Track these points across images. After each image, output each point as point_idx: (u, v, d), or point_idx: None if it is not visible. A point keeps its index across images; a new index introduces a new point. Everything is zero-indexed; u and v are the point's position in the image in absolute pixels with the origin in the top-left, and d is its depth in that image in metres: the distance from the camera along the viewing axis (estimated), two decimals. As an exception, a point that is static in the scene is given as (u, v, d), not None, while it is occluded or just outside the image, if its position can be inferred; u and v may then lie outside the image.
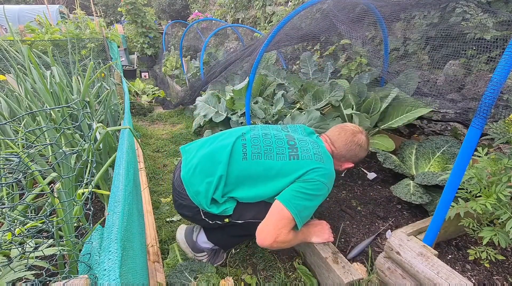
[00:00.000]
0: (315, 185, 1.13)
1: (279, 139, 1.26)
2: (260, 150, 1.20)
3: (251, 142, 1.23)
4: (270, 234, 1.10)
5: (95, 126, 1.40)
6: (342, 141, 1.31)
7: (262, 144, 1.23)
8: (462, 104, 1.87)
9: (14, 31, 3.16)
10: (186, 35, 5.30)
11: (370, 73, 2.30)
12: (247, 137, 1.26)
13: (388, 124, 1.97)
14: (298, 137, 1.30)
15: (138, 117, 3.91)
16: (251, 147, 1.21)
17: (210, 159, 1.21)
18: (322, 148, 1.26)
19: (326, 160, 1.22)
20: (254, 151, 1.20)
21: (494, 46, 1.67)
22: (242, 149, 1.21)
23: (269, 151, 1.20)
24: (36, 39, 3.57)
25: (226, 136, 1.28)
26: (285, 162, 1.17)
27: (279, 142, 1.24)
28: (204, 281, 1.24)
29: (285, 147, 1.22)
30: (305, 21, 2.51)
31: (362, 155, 1.35)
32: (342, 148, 1.31)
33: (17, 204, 0.74)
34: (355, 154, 1.32)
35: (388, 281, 1.12)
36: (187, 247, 1.40)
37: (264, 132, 1.30)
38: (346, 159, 1.34)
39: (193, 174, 1.21)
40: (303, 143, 1.25)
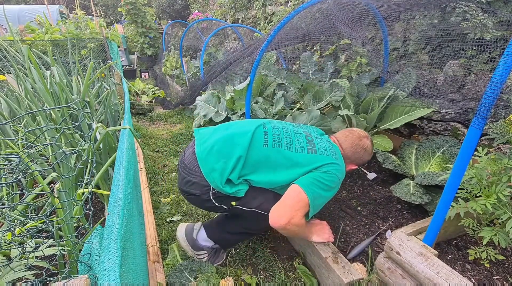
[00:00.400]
0: (331, 177, 1.19)
1: (298, 133, 1.32)
2: (280, 140, 1.26)
3: (272, 131, 1.29)
4: (287, 214, 1.13)
5: (95, 126, 1.40)
6: (349, 144, 1.38)
7: (283, 135, 1.28)
8: (462, 104, 1.87)
9: (14, 31, 3.16)
10: (186, 35, 5.30)
11: (370, 73, 2.30)
12: (269, 127, 1.31)
13: (387, 124, 1.98)
14: (315, 135, 1.37)
15: (138, 117, 3.91)
16: (272, 136, 1.26)
17: (229, 141, 1.24)
18: (335, 148, 1.33)
19: (340, 159, 1.29)
20: (275, 140, 1.25)
21: (494, 46, 1.67)
22: (263, 136, 1.26)
23: (289, 143, 1.25)
24: (36, 39, 3.57)
25: (245, 124, 1.33)
26: (303, 154, 1.22)
27: (298, 136, 1.30)
28: (204, 281, 1.24)
29: (303, 141, 1.28)
30: (305, 21, 2.51)
31: (366, 158, 1.42)
32: (348, 150, 1.38)
33: (17, 204, 0.74)
34: (360, 156, 1.39)
35: (388, 281, 1.12)
36: (187, 245, 1.40)
37: (284, 126, 1.36)
38: (351, 161, 1.40)
39: (210, 152, 1.24)
40: (319, 140, 1.31)
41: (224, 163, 1.20)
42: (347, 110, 2.00)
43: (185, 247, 1.41)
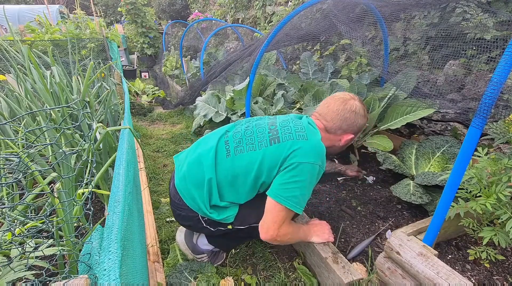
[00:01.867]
0: (299, 170, 1.05)
1: (260, 127, 1.20)
2: (242, 144, 1.15)
3: (233, 137, 1.19)
4: (270, 229, 1.09)
5: (95, 126, 1.40)
6: (333, 112, 1.20)
7: (244, 137, 1.17)
8: (462, 104, 1.87)
9: (14, 31, 3.16)
10: (186, 35, 5.30)
11: (370, 73, 2.30)
12: (230, 134, 1.21)
13: (387, 125, 1.97)
14: (282, 119, 1.22)
15: (138, 117, 3.91)
16: (233, 143, 1.16)
17: (197, 164, 1.18)
18: (305, 124, 1.17)
19: (311, 135, 1.13)
20: (237, 146, 1.15)
21: (494, 46, 1.67)
22: (225, 146, 1.17)
23: (251, 142, 1.15)
24: (36, 39, 3.57)
25: (211, 138, 1.24)
26: (266, 148, 1.11)
27: (260, 129, 1.18)
28: (204, 281, 1.24)
29: (265, 133, 1.15)
30: (305, 21, 2.51)
31: (360, 122, 1.23)
32: (335, 119, 1.20)
33: (17, 204, 0.74)
34: (352, 122, 1.20)
35: (388, 281, 1.12)
36: (186, 248, 1.39)
37: (247, 125, 1.24)
38: (343, 130, 1.22)
39: (185, 181, 1.19)
40: (284, 123, 1.17)
41: (200, 191, 1.15)
42: (347, 110, 1.99)
43: (185, 251, 1.40)
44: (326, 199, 1.78)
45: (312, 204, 1.74)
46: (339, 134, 1.23)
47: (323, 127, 1.23)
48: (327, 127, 1.22)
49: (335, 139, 1.25)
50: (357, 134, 1.29)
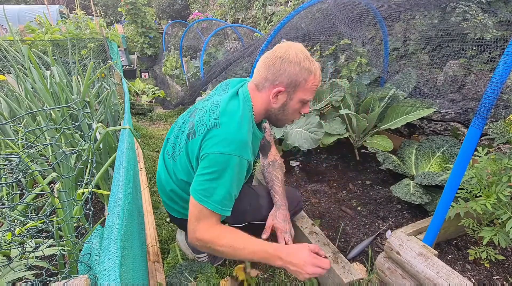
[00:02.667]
0: (209, 160, 0.90)
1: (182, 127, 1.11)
2: (175, 148, 1.11)
3: (170, 146, 1.16)
4: (189, 229, 0.94)
5: (95, 126, 1.40)
6: (261, 66, 0.99)
7: (176, 140, 1.12)
8: (462, 104, 1.87)
9: (14, 31, 3.16)
10: (186, 35, 5.30)
11: (370, 73, 2.30)
12: (167, 145, 1.19)
13: (387, 125, 1.97)
14: (201, 107, 1.06)
15: (138, 117, 3.91)
16: (171, 151, 1.14)
17: (158, 178, 1.24)
18: (224, 100, 0.99)
19: (229, 114, 0.94)
20: (171, 154, 1.14)
21: (494, 46, 1.67)
22: (167, 156, 1.17)
23: (178, 143, 1.09)
24: (36, 39, 3.57)
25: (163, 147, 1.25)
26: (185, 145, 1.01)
27: (184, 126, 1.09)
28: (204, 281, 1.24)
29: (184, 131, 1.04)
30: (305, 21, 2.51)
31: (291, 70, 0.94)
32: (261, 69, 0.98)
33: (17, 204, 0.74)
34: (277, 70, 0.95)
35: (388, 281, 1.12)
36: (187, 248, 1.40)
37: (177, 127, 1.16)
38: (270, 82, 0.97)
39: (160, 193, 1.26)
40: (201, 113, 1.01)
41: (171, 200, 1.19)
42: (347, 109, 2.00)
43: (185, 250, 1.41)
44: (326, 199, 1.78)
45: (312, 204, 1.74)
46: (268, 88, 0.99)
47: (253, 87, 1.03)
48: (256, 83, 1.01)
49: (266, 97, 1.00)
50: (292, 87, 0.97)
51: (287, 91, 0.98)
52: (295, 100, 1.00)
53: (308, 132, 1.78)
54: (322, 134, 1.71)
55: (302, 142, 1.74)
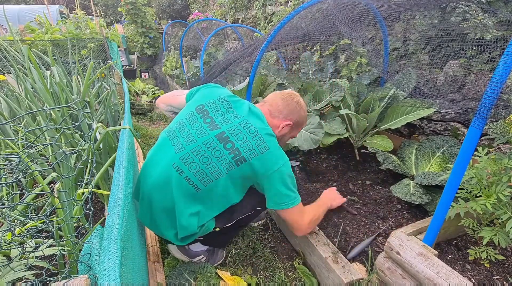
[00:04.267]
0: (279, 174, 1.10)
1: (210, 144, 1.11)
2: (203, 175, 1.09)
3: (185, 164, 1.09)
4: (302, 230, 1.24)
5: (95, 126, 1.40)
6: (278, 98, 1.27)
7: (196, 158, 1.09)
8: (462, 104, 1.87)
9: (14, 31, 3.16)
10: (186, 35, 5.30)
11: (370, 73, 2.30)
12: (178, 163, 1.09)
13: (387, 125, 1.97)
14: (232, 130, 1.13)
15: (138, 117, 3.91)
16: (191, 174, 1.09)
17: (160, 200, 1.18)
18: (256, 122, 1.15)
19: (267, 135, 1.12)
20: (199, 179, 1.09)
21: (494, 46, 1.67)
22: (186, 183, 1.09)
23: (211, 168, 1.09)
24: (36, 39, 3.57)
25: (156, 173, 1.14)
26: (232, 170, 1.09)
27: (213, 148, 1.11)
28: (204, 281, 1.24)
29: (221, 157, 1.09)
30: (305, 21, 2.51)
31: (302, 113, 1.28)
32: (280, 105, 1.25)
33: (17, 204, 0.74)
34: (292, 109, 1.25)
35: (388, 281, 1.12)
36: (181, 255, 1.37)
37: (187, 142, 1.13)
38: (284, 115, 1.25)
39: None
40: (240, 136, 1.11)
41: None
42: (347, 109, 2.00)
43: (180, 257, 1.38)
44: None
45: (312, 204, 1.74)
46: (280, 119, 1.25)
47: (268, 111, 1.25)
48: (271, 110, 1.26)
49: (277, 124, 1.24)
50: (296, 125, 1.29)
51: (291, 126, 1.28)
52: (290, 134, 1.34)
53: (308, 133, 1.78)
54: (322, 134, 1.72)
55: (302, 143, 1.74)
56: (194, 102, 1.24)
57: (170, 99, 1.48)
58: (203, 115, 1.18)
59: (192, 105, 1.24)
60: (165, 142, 1.17)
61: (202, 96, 1.26)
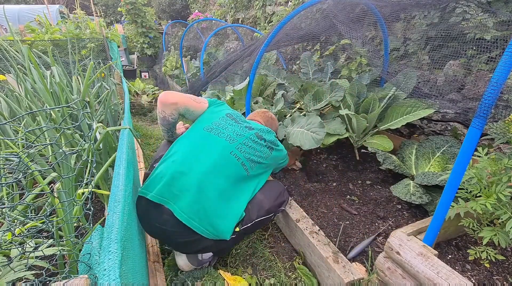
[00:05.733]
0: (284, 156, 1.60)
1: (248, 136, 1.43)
2: (251, 154, 1.39)
3: (243, 156, 1.34)
4: None
5: (95, 126, 1.40)
6: (260, 117, 1.75)
7: (247, 147, 1.38)
8: (462, 104, 1.87)
9: (14, 31, 3.16)
10: (186, 35, 5.30)
11: (370, 74, 2.29)
12: (235, 151, 1.32)
13: (387, 125, 1.97)
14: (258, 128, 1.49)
15: (138, 117, 3.91)
16: (246, 162, 1.35)
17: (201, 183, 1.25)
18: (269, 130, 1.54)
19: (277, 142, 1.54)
20: (249, 165, 1.36)
21: (494, 46, 1.67)
22: (242, 167, 1.33)
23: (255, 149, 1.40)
24: (36, 39, 3.57)
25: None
26: (270, 152, 1.46)
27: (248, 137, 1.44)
28: (210, 281, 1.24)
29: (257, 141, 1.43)
30: (305, 21, 2.51)
31: (276, 124, 1.85)
32: (266, 121, 1.74)
33: (17, 204, 0.74)
34: (274, 122, 1.81)
35: (388, 281, 1.12)
36: (191, 267, 1.32)
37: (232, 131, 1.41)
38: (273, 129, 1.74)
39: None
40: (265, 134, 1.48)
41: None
42: (347, 110, 2.00)
43: (186, 267, 1.32)
44: (326, 197, 1.78)
45: (312, 204, 1.74)
46: None
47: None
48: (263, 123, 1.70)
49: None
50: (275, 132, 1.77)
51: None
52: None
53: (310, 132, 1.78)
54: (324, 134, 1.72)
55: (303, 142, 1.74)
56: (221, 111, 1.50)
57: (193, 103, 1.43)
58: (235, 121, 1.45)
59: (220, 112, 1.49)
60: (208, 135, 1.33)
61: (226, 108, 1.56)
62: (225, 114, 1.47)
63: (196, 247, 1.20)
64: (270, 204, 1.37)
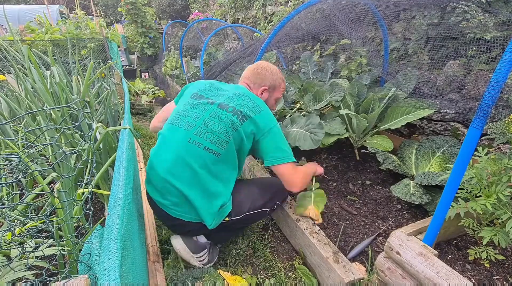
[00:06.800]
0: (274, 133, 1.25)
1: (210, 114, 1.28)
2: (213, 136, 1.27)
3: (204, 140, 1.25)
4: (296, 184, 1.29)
5: (95, 126, 1.40)
6: (249, 71, 1.43)
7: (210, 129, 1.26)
8: (462, 104, 1.87)
9: (14, 31, 3.16)
10: (186, 35, 5.30)
11: (370, 74, 2.29)
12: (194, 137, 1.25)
13: (387, 125, 1.97)
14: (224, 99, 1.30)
15: (138, 117, 3.91)
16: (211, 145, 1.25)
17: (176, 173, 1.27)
18: (247, 92, 1.33)
19: (260, 103, 1.29)
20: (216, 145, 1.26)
21: (494, 46, 1.67)
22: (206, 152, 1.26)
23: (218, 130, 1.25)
24: (36, 39, 3.57)
25: None
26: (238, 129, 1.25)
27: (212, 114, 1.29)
28: (210, 282, 1.24)
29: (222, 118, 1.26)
30: (305, 21, 2.51)
31: (272, 77, 1.41)
32: (251, 76, 1.41)
33: (17, 204, 0.74)
34: (263, 76, 1.40)
35: (388, 281, 1.12)
36: (188, 252, 1.33)
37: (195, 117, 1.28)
38: (259, 84, 1.40)
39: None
40: (237, 100, 1.30)
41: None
42: (347, 110, 2.00)
43: (186, 255, 1.34)
44: (326, 197, 1.78)
45: (312, 204, 1.74)
46: (257, 88, 1.41)
47: (246, 87, 1.40)
48: (248, 83, 1.41)
49: (256, 94, 1.39)
50: (272, 88, 1.43)
51: (268, 90, 1.42)
52: (273, 97, 1.47)
53: (309, 133, 1.78)
54: (323, 135, 1.71)
55: (302, 143, 1.74)
56: (187, 94, 1.37)
57: (162, 113, 1.51)
58: (200, 98, 1.30)
59: (186, 96, 1.36)
60: (171, 128, 1.27)
61: (193, 87, 1.39)
62: (190, 96, 1.33)
63: (183, 229, 1.31)
64: (265, 199, 1.36)
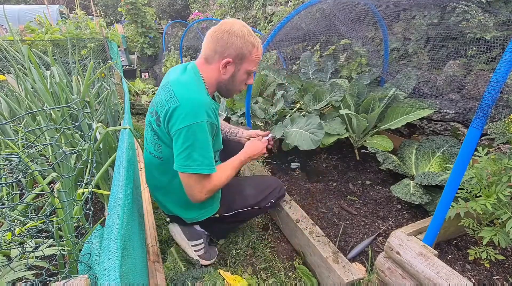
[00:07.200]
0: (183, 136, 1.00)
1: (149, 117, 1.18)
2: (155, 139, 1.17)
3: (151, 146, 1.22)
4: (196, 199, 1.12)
5: (95, 126, 1.40)
6: (208, 42, 1.08)
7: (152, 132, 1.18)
8: (462, 104, 1.87)
9: (14, 31, 3.16)
10: (186, 35, 5.30)
11: (370, 74, 2.29)
12: (146, 145, 1.27)
13: (387, 125, 1.97)
14: (157, 101, 1.12)
15: (138, 117, 3.91)
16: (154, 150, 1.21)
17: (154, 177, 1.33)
18: (174, 78, 1.08)
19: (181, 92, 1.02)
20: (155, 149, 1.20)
21: (494, 46, 1.67)
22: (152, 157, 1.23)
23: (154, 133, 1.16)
24: (36, 39, 3.57)
25: None
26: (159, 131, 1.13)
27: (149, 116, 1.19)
28: (210, 282, 1.24)
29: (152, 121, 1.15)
30: (305, 21, 2.51)
31: (237, 43, 1.04)
32: (210, 43, 1.07)
33: (17, 204, 0.74)
34: (225, 43, 1.04)
35: (388, 281, 1.12)
36: (183, 238, 1.38)
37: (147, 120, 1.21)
38: (219, 54, 1.07)
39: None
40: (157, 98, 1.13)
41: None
42: (347, 110, 2.00)
43: (182, 242, 1.39)
44: (326, 197, 1.78)
45: (312, 204, 1.74)
46: (217, 60, 1.08)
47: (203, 61, 1.12)
48: (206, 57, 1.10)
49: (216, 68, 1.10)
50: (239, 58, 1.08)
51: (235, 63, 1.09)
52: (242, 71, 1.13)
53: (308, 133, 1.78)
54: (322, 135, 1.71)
55: (301, 143, 1.74)
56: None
57: None
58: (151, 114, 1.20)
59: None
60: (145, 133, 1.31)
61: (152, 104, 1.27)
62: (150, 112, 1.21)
63: (179, 220, 1.36)
64: (258, 198, 1.36)
